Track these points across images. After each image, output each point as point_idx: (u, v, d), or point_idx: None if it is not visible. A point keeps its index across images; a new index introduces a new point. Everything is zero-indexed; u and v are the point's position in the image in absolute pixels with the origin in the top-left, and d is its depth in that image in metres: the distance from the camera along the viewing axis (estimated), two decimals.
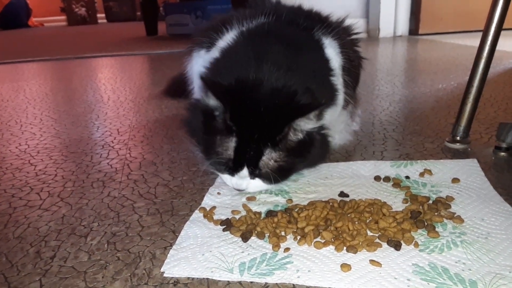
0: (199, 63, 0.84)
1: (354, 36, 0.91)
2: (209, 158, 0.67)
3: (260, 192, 0.70)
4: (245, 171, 0.64)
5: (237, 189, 0.69)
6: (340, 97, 0.80)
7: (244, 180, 0.66)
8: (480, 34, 0.83)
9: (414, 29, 2.87)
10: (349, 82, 0.81)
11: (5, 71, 2.33)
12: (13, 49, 3.46)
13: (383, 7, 2.81)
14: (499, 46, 0.84)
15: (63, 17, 6.52)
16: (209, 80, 0.65)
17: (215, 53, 0.75)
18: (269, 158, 0.64)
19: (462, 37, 2.62)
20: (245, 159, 0.64)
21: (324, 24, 0.80)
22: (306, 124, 0.64)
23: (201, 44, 0.84)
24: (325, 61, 0.75)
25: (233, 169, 0.65)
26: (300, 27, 0.78)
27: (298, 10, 0.88)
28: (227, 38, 0.76)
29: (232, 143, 0.64)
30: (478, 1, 2.73)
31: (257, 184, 0.67)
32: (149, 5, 3.68)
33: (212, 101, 0.65)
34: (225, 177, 0.69)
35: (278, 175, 0.65)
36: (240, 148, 0.63)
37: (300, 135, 0.65)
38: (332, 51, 0.77)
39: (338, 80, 0.77)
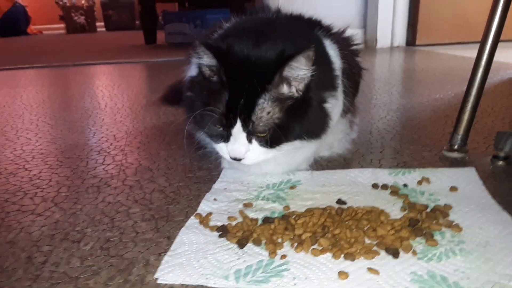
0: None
1: (354, 47, 0.91)
2: (208, 128, 0.67)
3: (258, 160, 0.69)
4: (238, 125, 0.64)
5: (234, 158, 0.68)
6: (340, 101, 0.79)
7: (240, 145, 0.66)
8: (476, 45, 0.84)
9: (411, 40, 2.89)
10: (348, 87, 0.81)
11: (2, 77, 2.32)
12: (11, 56, 3.46)
13: (380, 18, 2.83)
14: (496, 57, 0.84)
15: (62, 25, 6.53)
16: (204, 42, 0.66)
17: None
18: (262, 109, 0.63)
19: (458, 48, 2.64)
20: (237, 111, 0.63)
21: (323, 27, 0.81)
22: (298, 71, 0.64)
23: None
24: (326, 53, 0.76)
25: (226, 124, 0.65)
26: (301, 24, 0.80)
27: (299, 16, 0.88)
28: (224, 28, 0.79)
29: (225, 96, 0.64)
30: (474, 13, 2.76)
31: (255, 152, 0.67)
32: (148, 14, 3.69)
33: (206, 60, 0.66)
34: (221, 147, 0.69)
35: (274, 134, 0.65)
36: (232, 100, 0.64)
37: (295, 91, 0.66)
38: (332, 52, 0.78)
39: (338, 77, 0.77)
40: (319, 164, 0.85)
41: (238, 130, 0.65)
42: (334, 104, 0.75)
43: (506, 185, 0.73)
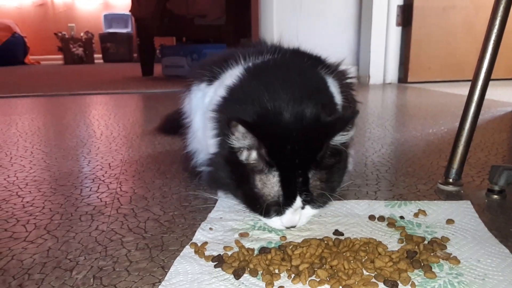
0: (198, 96, 0.84)
1: (350, 80, 0.93)
2: (257, 207, 0.65)
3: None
4: (298, 201, 0.62)
5: (289, 227, 0.66)
6: None
7: (296, 214, 0.64)
8: (467, 83, 0.86)
9: (403, 77, 2.96)
10: None
11: None
12: (7, 85, 3.48)
13: (373, 56, 2.90)
14: (487, 95, 0.86)
15: (60, 56, 6.62)
16: (240, 120, 0.59)
17: (219, 89, 0.74)
18: (316, 179, 0.63)
19: (449, 86, 2.71)
20: (295, 188, 0.62)
21: (325, 64, 0.82)
22: (343, 137, 0.63)
23: (201, 78, 0.84)
24: (331, 96, 0.76)
25: (286, 204, 0.62)
26: (305, 65, 0.79)
27: (299, 51, 0.90)
28: (233, 74, 0.74)
29: (276, 178, 0.62)
30: (465, 52, 2.85)
31: (308, 212, 0.67)
32: (147, 46, 3.77)
33: (242, 142, 0.61)
34: (273, 221, 0.66)
35: (323, 195, 0.65)
36: (286, 180, 0.61)
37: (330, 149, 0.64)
38: (334, 90, 0.78)
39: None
40: None
41: (297, 204, 0.63)
42: None
43: (501, 218, 0.73)
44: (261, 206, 0.64)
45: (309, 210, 0.66)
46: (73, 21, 6.88)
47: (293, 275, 0.55)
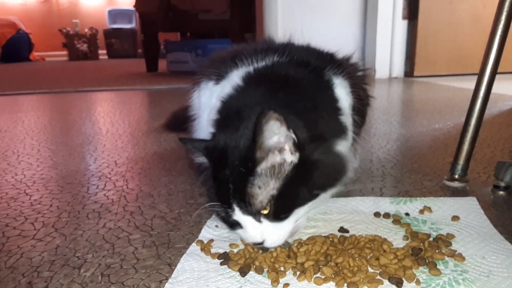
0: (206, 94, 0.84)
1: (361, 74, 0.91)
2: (206, 205, 0.66)
3: (285, 241, 0.62)
4: (237, 211, 0.59)
5: (254, 243, 0.61)
6: (350, 135, 0.80)
7: (252, 230, 0.60)
8: (473, 77, 0.85)
9: (409, 72, 2.95)
10: (358, 121, 0.81)
11: (4, 102, 2.35)
12: (13, 82, 3.50)
13: (378, 50, 2.89)
14: (494, 89, 0.86)
15: (65, 52, 6.65)
16: (188, 141, 0.70)
17: (223, 89, 0.74)
18: (252, 186, 0.58)
19: (455, 80, 2.69)
20: (229, 196, 0.59)
21: (336, 64, 0.79)
22: (272, 138, 0.58)
23: (209, 76, 0.83)
24: (334, 100, 0.73)
25: (224, 213, 0.61)
26: (311, 67, 0.76)
27: (309, 50, 0.88)
28: (235, 76, 0.74)
29: (217, 187, 0.62)
30: (471, 46, 2.83)
31: (268, 228, 0.59)
32: (151, 42, 3.77)
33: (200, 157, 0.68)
34: (240, 234, 0.64)
35: (275, 206, 0.58)
36: (222, 188, 0.60)
37: (289, 156, 0.60)
38: (342, 90, 0.76)
39: (347, 119, 0.75)
40: None
41: (239, 215, 0.60)
42: (345, 144, 0.74)
43: (507, 215, 0.73)
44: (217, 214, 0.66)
45: (267, 224, 0.59)
46: (78, 17, 6.90)
47: (298, 273, 0.55)
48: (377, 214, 0.72)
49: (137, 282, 0.55)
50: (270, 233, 0.59)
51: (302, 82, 0.73)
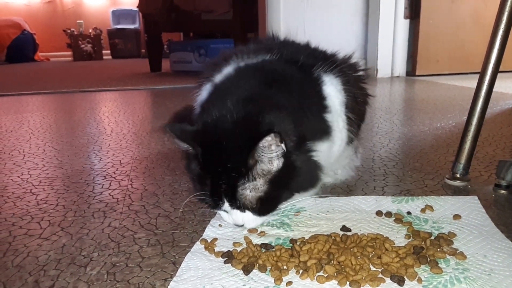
0: (203, 96, 0.86)
1: (360, 73, 0.92)
2: (196, 195, 0.70)
3: (262, 225, 0.70)
4: (226, 205, 0.65)
5: (235, 225, 0.69)
6: (343, 134, 0.81)
7: (239, 215, 0.66)
8: (475, 76, 0.86)
9: (411, 71, 2.94)
10: (353, 119, 0.82)
11: (10, 102, 2.36)
12: (18, 82, 3.52)
13: (380, 49, 2.89)
14: (496, 88, 0.86)
15: (69, 53, 6.68)
16: (174, 129, 0.68)
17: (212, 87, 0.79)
18: (244, 188, 0.64)
19: (457, 79, 2.69)
20: (221, 193, 0.64)
21: (327, 61, 0.81)
22: (268, 152, 0.62)
23: (208, 78, 0.86)
24: (321, 98, 0.76)
25: (214, 204, 0.67)
26: (299, 65, 0.79)
27: (302, 48, 0.90)
28: (224, 73, 0.80)
29: (208, 179, 0.65)
30: (472, 45, 2.82)
31: (250, 218, 0.67)
32: (154, 42, 3.79)
33: (184, 145, 0.68)
34: (222, 215, 0.70)
35: (261, 205, 0.66)
36: (214, 183, 0.65)
37: (276, 164, 0.65)
38: (332, 88, 0.78)
39: (335, 117, 0.77)
40: (323, 191, 0.85)
41: (227, 207, 0.66)
42: (330, 146, 0.76)
43: (508, 213, 0.73)
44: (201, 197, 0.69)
45: (250, 215, 0.66)
46: (82, 18, 6.92)
47: (301, 271, 0.56)
48: (379, 213, 0.73)
49: (142, 280, 0.56)
50: (251, 221, 0.68)
51: (288, 78, 0.75)
